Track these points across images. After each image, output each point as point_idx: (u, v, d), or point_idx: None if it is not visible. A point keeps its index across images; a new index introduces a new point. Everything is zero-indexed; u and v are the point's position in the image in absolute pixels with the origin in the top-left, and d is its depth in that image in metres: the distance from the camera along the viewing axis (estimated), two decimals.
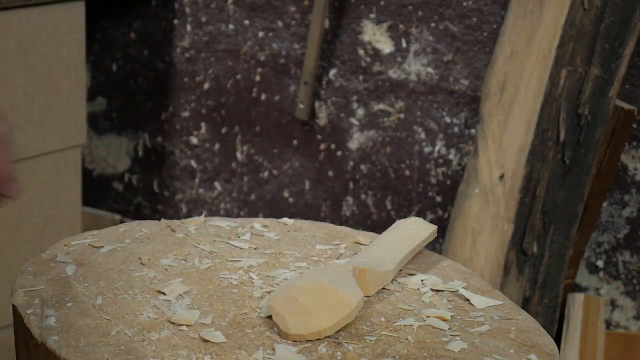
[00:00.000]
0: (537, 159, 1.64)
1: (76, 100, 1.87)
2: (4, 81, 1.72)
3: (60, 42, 1.80)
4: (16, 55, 1.73)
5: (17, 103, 1.74)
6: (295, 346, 0.86)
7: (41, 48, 1.77)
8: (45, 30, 1.77)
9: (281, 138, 2.07)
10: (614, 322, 1.83)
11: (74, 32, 1.83)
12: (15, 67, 1.73)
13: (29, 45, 1.75)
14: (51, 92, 1.82)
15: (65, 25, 1.81)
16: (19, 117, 1.75)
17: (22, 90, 1.75)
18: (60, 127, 1.84)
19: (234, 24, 2.08)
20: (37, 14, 1.75)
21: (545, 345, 0.91)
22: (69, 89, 1.85)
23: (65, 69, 1.82)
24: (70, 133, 1.87)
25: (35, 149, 1.81)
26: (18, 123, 1.74)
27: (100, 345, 0.83)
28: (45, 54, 1.78)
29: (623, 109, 1.70)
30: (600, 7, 1.61)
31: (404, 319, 0.93)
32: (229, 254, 1.04)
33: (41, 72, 1.78)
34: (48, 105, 1.81)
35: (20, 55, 1.74)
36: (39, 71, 1.78)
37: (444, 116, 1.89)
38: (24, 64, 1.75)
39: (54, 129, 1.83)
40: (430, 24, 1.87)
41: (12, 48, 1.72)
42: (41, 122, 1.81)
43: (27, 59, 1.75)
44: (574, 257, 1.79)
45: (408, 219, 1.11)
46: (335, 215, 2.04)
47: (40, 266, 0.98)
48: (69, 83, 1.84)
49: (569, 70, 1.62)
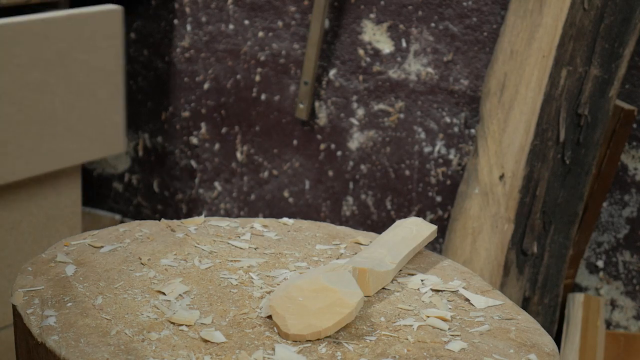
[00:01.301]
0: (537, 159, 1.64)
1: (114, 108, 1.83)
2: (44, 89, 1.69)
3: (98, 48, 1.77)
4: (55, 63, 1.70)
5: (56, 111, 1.72)
6: (295, 346, 0.86)
7: (80, 55, 1.74)
8: (84, 37, 1.74)
9: (281, 138, 2.07)
10: (614, 322, 1.83)
11: (112, 38, 1.80)
12: (54, 75, 1.70)
13: (67, 53, 1.72)
14: (90, 100, 1.78)
15: (104, 32, 1.77)
16: (58, 125, 1.73)
17: (60, 99, 1.72)
18: (100, 136, 1.81)
19: (234, 24, 2.08)
20: (75, 20, 1.72)
21: (545, 345, 0.91)
22: (108, 96, 1.82)
23: (104, 77, 1.79)
24: (109, 141, 1.84)
25: (76, 158, 1.79)
26: (57, 132, 1.73)
27: (100, 345, 0.83)
28: (83, 62, 1.75)
29: (623, 109, 1.70)
30: (600, 7, 1.61)
31: (404, 319, 0.93)
32: (229, 254, 1.04)
33: (80, 80, 1.75)
34: (87, 113, 1.78)
35: (59, 63, 1.71)
36: (77, 79, 1.75)
37: (444, 116, 1.89)
38: (62, 72, 1.71)
39: (94, 138, 1.80)
40: (430, 24, 1.87)
41: (51, 56, 1.69)
42: (80, 131, 1.78)
43: (65, 67, 1.72)
44: (574, 257, 1.79)
45: (408, 219, 1.11)
46: (335, 215, 2.04)
47: (40, 266, 0.98)
48: (107, 90, 1.81)
49: (569, 70, 1.62)
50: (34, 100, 1.67)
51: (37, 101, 1.68)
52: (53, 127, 1.72)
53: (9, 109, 1.63)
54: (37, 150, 1.70)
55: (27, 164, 1.69)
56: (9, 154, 1.65)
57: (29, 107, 1.67)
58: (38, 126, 1.69)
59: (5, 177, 1.66)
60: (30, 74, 1.66)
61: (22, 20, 1.64)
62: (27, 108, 1.66)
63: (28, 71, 1.65)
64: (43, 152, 1.72)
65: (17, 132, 1.65)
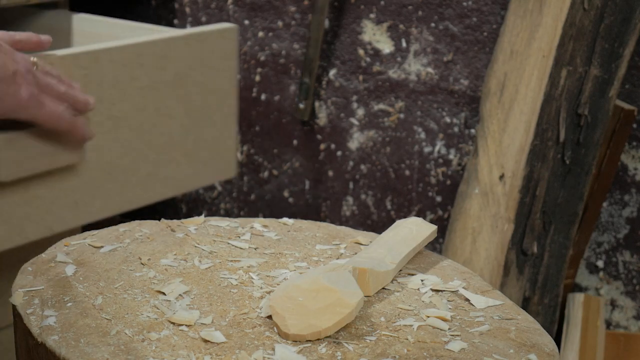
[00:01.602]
0: (537, 159, 1.64)
1: (228, 132, 1.73)
2: (163, 112, 1.61)
3: (214, 69, 1.68)
4: (174, 85, 1.62)
5: (173, 135, 1.63)
6: (295, 346, 0.86)
7: (197, 77, 1.66)
8: (202, 57, 1.66)
9: (281, 138, 2.07)
10: (614, 322, 1.83)
11: (228, 58, 1.70)
12: (172, 98, 1.62)
13: (186, 74, 1.64)
14: (205, 124, 1.69)
15: (220, 51, 1.68)
16: (175, 151, 1.64)
17: (178, 122, 1.64)
18: (213, 161, 1.72)
19: (234, 23, 2.08)
20: (194, 40, 1.63)
21: (545, 345, 0.91)
22: (222, 119, 1.72)
23: (219, 99, 1.70)
24: (221, 166, 1.74)
25: (189, 185, 1.71)
26: (174, 157, 1.64)
27: (100, 345, 0.83)
28: (200, 83, 1.66)
29: (623, 109, 1.70)
30: (600, 7, 1.60)
31: (404, 319, 0.93)
32: (229, 254, 1.04)
33: (196, 102, 1.67)
34: (202, 137, 1.69)
35: (177, 85, 1.63)
36: (194, 101, 1.66)
37: (444, 116, 1.89)
38: (180, 94, 1.63)
39: (207, 163, 1.71)
40: (430, 24, 1.87)
41: (170, 78, 1.61)
42: (196, 156, 1.69)
43: (183, 89, 1.64)
44: (574, 257, 1.79)
45: (408, 219, 1.11)
46: (335, 215, 2.04)
47: (40, 266, 0.98)
48: (222, 113, 1.72)
49: (569, 70, 1.62)
50: (152, 124, 1.59)
51: (155, 126, 1.60)
52: (170, 152, 1.63)
53: (128, 135, 1.56)
54: (154, 177, 1.62)
55: (145, 191, 1.60)
56: (127, 182, 1.57)
57: (147, 132, 1.58)
58: (155, 152, 1.60)
59: (122, 206, 1.58)
60: (150, 97, 1.58)
61: (145, 41, 1.55)
62: (145, 133, 1.58)
63: (147, 94, 1.57)
64: (159, 179, 1.63)
65: (134, 159, 1.57)
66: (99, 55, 1.51)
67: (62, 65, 1.45)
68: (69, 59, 1.47)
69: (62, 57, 1.46)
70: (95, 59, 1.50)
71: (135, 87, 1.56)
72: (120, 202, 1.57)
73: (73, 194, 1.47)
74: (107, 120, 1.53)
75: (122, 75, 1.53)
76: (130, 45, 1.55)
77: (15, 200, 1.38)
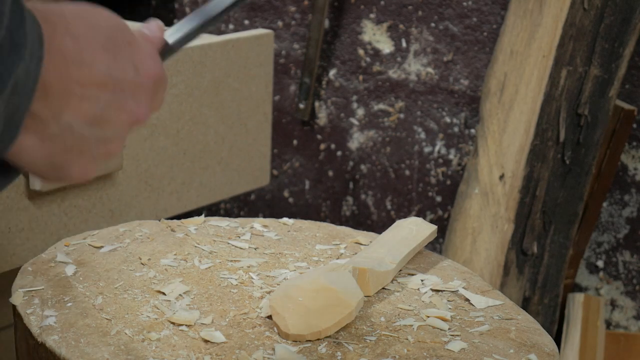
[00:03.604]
0: (537, 159, 1.64)
1: (263, 139, 1.72)
2: (198, 120, 1.59)
3: (250, 76, 1.66)
4: (210, 92, 1.60)
5: (208, 143, 1.62)
6: (295, 346, 0.86)
7: (233, 83, 1.64)
8: (238, 64, 1.64)
9: (281, 138, 2.07)
10: (614, 322, 1.83)
11: (264, 65, 1.68)
12: (208, 105, 1.60)
13: (222, 81, 1.62)
14: (240, 131, 1.67)
15: (256, 58, 1.67)
16: (210, 158, 1.63)
17: (214, 130, 1.62)
18: (247, 168, 1.70)
19: (234, 24, 2.08)
20: (231, 46, 1.62)
21: (545, 345, 0.91)
22: (256, 126, 1.70)
23: (254, 106, 1.69)
24: (256, 174, 1.72)
25: (224, 193, 1.68)
26: (209, 165, 1.62)
27: (100, 345, 0.83)
28: (236, 90, 1.65)
29: (623, 109, 1.70)
30: (600, 7, 1.60)
31: (404, 319, 0.93)
32: (229, 254, 1.04)
33: (231, 110, 1.65)
34: (237, 145, 1.67)
35: (213, 92, 1.61)
36: (229, 108, 1.64)
37: (444, 116, 1.89)
38: (216, 101, 1.62)
39: (242, 171, 1.69)
40: (430, 24, 1.87)
41: (206, 84, 1.60)
42: (230, 164, 1.67)
43: (219, 96, 1.62)
44: (574, 257, 1.79)
45: (408, 219, 1.11)
46: (335, 215, 2.04)
47: (40, 266, 0.98)
48: (256, 120, 1.70)
49: (569, 70, 1.62)
50: (188, 132, 1.58)
51: (191, 133, 1.58)
52: (206, 160, 1.62)
53: (164, 142, 1.54)
54: (189, 185, 1.60)
55: (179, 200, 1.59)
56: (162, 190, 1.55)
57: (183, 140, 1.57)
58: (191, 160, 1.59)
59: (157, 214, 1.56)
60: (186, 104, 1.57)
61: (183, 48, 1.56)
62: (181, 141, 1.57)
63: (184, 101, 1.56)
64: (194, 187, 1.61)
65: (170, 167, 1.56)
66: None
67: None
68: None
69: None
70: None
71: (172, 94, 1.54)
72: (155, 211, 1.55)
73: (109, 203, 1.45)
74: (144, 127, 1.51)
75: None
76: None
77: (53, 209, 1.37)
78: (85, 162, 0.66)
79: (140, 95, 0.68)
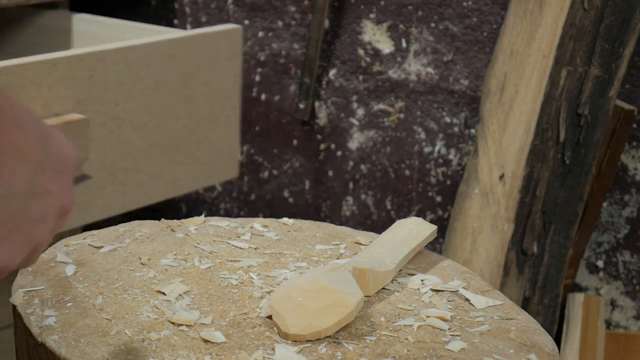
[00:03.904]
0: (537, 159, 1.64)
1: (232, 132, 1.74)
2: (167, 113, 1.61)
3: (218, 70, 1.68)
4: (178, 86, 1.62)
5: (176, 136, 1.63)
6: (295, 346, 0.86)
7: (202, 77, 1.66)
8: (207, 58, 1.66)
9: (281, 138, 2.07)
10: (614, 322, 1.83)
11: (232, 59, 1.70)
12: (176, 98, 1.62)
13: (191, 75, 1.64)
14: (209, 125, 1.69)
15: (224, 52, 1.69)
16: (178, 151, 1.64)
17: (182, 123, 1.64)
18: (216, 161, 1.72)
19: (234, 24, 2.08)
20: (200, 40, 1.63)
21: (545, 345, 0.91)
22: (225, 120, 1.72)
23: (223, 99, 1.70)
24: (224, 167, 1.74)
25: (191, 185, 1.70)
26: (177, 158, 1.64)
27: (100, 345, 0.83)
28: (204, 84, 1.66)
29: (623, 109, 1.70)
30: (600, 7, 1.60)
31: (404, 319, 0.93)
32: (229, 254, 1.04)
33: (200, 103, 1.66)
34: (206, 138, 1.69)
35: (182, 86, 1.63)
36: (198, 102, 1.66)
37: (444, 116, 1.89)
38: (185, 94, 1.63)
39: (210, 163, 1.71)
40: (430, 24, 1.87)
41: (175, 78, 1.61)
42: (199, 157, 1.68)
43: (188, 89, 1.64)
44: (574, 257, 1.79)
45: (408, 219, 1.11)
46: (335, 215, 2.04)
47: (40, 266, 0.98)
48: (225, 114, 1.72)
49: (569, 70, 1.62)
50: (156, 125, 1.59)
51: (159, 126, 1.60)
52: (173, 153, 1.63)
53: (131, 135, 1.56)
54: (157, 178, 1.62)
55: (146, 192, 1.60)
56: (129, 182, 1.56)
57: (151, 133, 1.59)
58: (159, 153, 1.61)
59: (124, 206, 1.57)
60: (154, 97, 1.58)
61: (151, 42, 1.56)
62: (148, 134, 1.58)
63: (152, 95, 1.57)
64: (162, 179, 1.63)
65: (137, 160, 1.57)
66: (104, 56, 1.51)
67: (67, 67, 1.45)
68: (74, 60, 1.46)
69: (67, 57, 1.46)
70: (100, 60, 1.50)
71: (139, 88, 1.55)
72: (122, 203, 1.56)
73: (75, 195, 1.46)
74: (111, 121, 1.52)
75: (126, 76, 1.53)
76: (136, 46, 1.55)
77: None
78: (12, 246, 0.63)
79: (63, 179, 0.67)
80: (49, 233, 0.67)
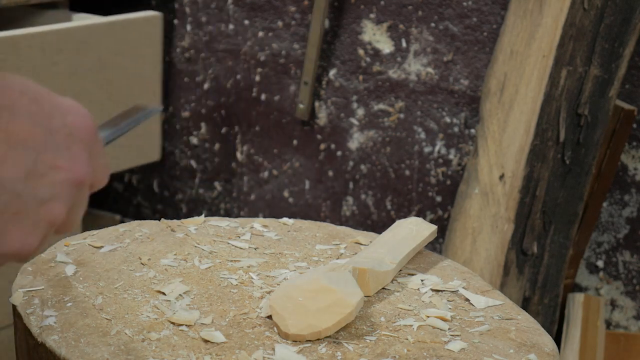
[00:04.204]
0: (537, 159, 1.64)
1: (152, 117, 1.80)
2: (83, 97, 1.63)
3: (137, 55, 1.72)
4: (95, 71, 1.65)
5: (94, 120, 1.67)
6: (295, 346, 0.86)
7: (120, 62, 1.69)
8: (124, 44, 1.69)
9: (281, 138, 2.07)
10: (614, 322, 1.83)
11: (152, 45, 1.74)
12: (94, 82, 1.65)
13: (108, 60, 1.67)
14: None
15: (143, 38, 1.72)
16: None
17: (99, 106, 1.67)
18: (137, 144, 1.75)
19: (234, 24, 2.08)
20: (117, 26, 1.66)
21: (545, 345, 0.91)
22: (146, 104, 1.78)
23: (142, 84, 1.74)
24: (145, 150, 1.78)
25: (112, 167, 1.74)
26: None
27: (100, 345, 0.83)
28: (123, 69, 1.69)
29: (623, 109, 1.70)
30: (600, 7, 1.60)
31: (404, 319, 0.93)
32: (229, 254, 1.04)
33: (119, 87, 1.70)
34: None
35: (100, 71, 1.65)
36: (117, 87, 1.69)
37: (444, 116, 1.89)
38: (102, 79, 1.66)
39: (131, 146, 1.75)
40: (430, 24, 1.87)
41: (92, 63, 1.64)
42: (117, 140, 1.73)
43: (105, 74, 1.67)
44: (574, 257, 1.79)
45: (408, 219, 1.11)
46: (335, 215, 2.04)
47: (40, 266, 0.98)
48: (146, 98, 1.76)
49: (569, 70, 1.62)
50: None
51: None
52: None
53: None
54: None
55: None
56: None
57: None
58: None
59: None
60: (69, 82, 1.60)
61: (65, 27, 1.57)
62: None
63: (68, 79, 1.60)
64: None
65: None
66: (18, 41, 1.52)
67: None
68: None
69: None
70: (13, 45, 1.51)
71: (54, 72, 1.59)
72: None
73: None
74: None
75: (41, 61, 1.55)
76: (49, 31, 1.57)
77: None
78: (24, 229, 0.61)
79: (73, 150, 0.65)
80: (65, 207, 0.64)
